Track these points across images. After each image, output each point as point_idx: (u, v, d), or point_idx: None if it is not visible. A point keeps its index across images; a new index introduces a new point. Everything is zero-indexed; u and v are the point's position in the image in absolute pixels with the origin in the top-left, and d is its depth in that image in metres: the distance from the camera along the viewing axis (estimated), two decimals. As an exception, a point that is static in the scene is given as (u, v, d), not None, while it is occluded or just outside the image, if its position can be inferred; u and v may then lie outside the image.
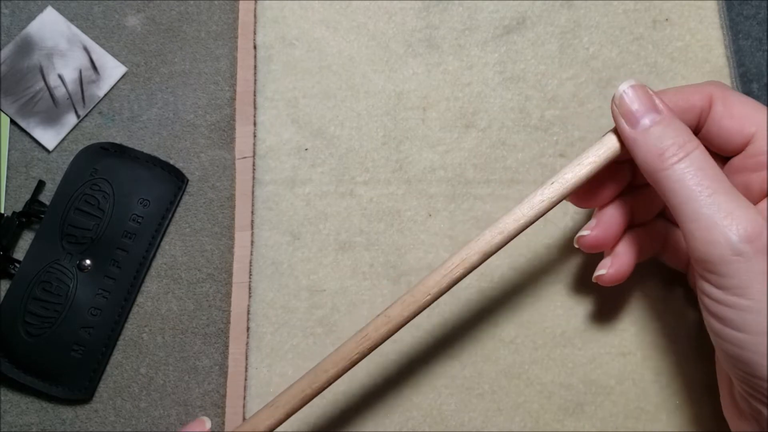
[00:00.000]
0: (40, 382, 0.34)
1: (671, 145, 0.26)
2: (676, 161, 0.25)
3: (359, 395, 0.34)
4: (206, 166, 0.37)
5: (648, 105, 0.27)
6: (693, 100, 0.28)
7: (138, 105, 0.38)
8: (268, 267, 0.36)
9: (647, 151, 0.26)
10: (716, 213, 0.24)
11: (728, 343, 0.25)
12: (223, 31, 0.39)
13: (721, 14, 0.38)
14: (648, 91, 0.27)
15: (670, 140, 0.26)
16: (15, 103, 0.38)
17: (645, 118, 0.27)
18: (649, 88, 0.27)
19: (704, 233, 0.24)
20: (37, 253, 0.36)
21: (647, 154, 0.26)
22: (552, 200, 0.28)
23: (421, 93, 0.37)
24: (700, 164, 0.25)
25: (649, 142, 0.26)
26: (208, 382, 0.35)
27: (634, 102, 0.27)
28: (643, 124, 0.27)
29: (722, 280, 0.24)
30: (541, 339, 0.34)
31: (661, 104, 0.27)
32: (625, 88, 0.27)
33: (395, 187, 0.36)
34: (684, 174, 0.25)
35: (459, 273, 0.28)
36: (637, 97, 0.27)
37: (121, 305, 0.35)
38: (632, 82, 0.27)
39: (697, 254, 0.25)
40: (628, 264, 0.31)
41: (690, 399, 0.33)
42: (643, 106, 0.27)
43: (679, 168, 0.25)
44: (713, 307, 0.25)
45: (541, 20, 0.38)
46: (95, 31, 0.39)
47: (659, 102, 0.27)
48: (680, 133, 0.26)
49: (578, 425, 0.33)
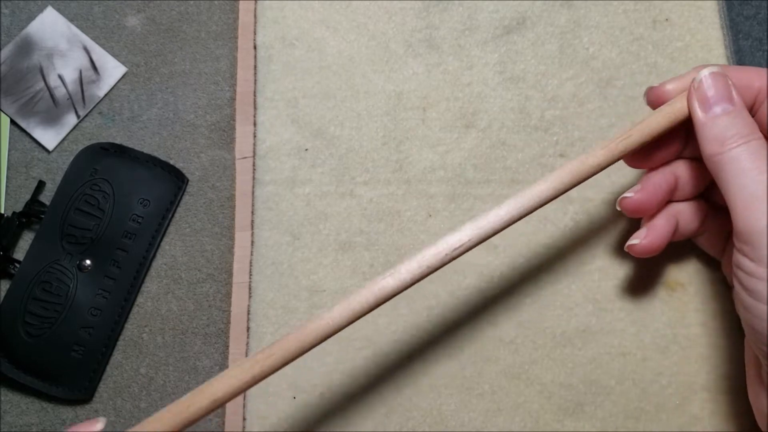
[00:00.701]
0: (40, 383, 0.34)
1: (735, 134, 0.27)
2: (734, 146, 0.27)
3: (359, 396, 0.34)
4: (206, 166, 0.37)
5: (724, 94, 0.28)
6: (753, 80, 0.29)
7: (138, 105, 0.38)
8: (268, 267, 0.36)
9: (712, 137, 0.27)
10: (761, 189, 0.26)
11: (758, 318, 0.26)
12: (223, 32, 0.39)
13: (721, 14, 0.38)
14: (728, 82, 0.28)
15: (735, 131, 0.27)
16: (15, 103, 0.38)
17: (718, 106, 0.28)
18: (729, 78, 0.28)
19: (747, 206, 0.26)
20: (37, 253, 0.36)
21: (711, 140, 0.27)
22: (630, 146, 0.29)
23: (421, 93, 0.37)
24: (756, 150, 0.27)
25: (715, 130, 0.27)
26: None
27: (711, 88, 0.28)
28: (715, 111, 0.28)
29: (758, 253, 0.25)
30: (540, 339, 0.34)
31: (737, 97, 0.28)
32: (706, 73, 0.28)
33: (395, 187, 0.36)
34: (739, 155, 0.27)
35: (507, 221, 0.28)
36: (716, 85, 0.28)
37: (121, 305, 0.35)
38: (714, 69, 0.29)
39: (738, 226, 0.26)
40: (663, 237, 0.31)
41: (690, 399, 0.33)
42: (719, 95, 0.28)
43: (736, 151, 0.27)
44: (746, 280, 0.26)
45: (541, 20, 0.38)
46: (95, 31, 0.39)
47: (735, 94, 0.28)
48: (746, 125, 0.27)
49: (578, 425, 0.33)
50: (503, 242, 0.35)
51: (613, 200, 0.35)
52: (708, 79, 0.28)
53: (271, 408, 0.34)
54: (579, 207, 0.36)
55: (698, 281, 0.35)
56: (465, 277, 0.35)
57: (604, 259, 0.35)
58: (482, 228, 0.27)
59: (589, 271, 0.35)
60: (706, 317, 0.34)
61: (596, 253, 0.35)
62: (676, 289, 0.35)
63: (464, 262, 0.35)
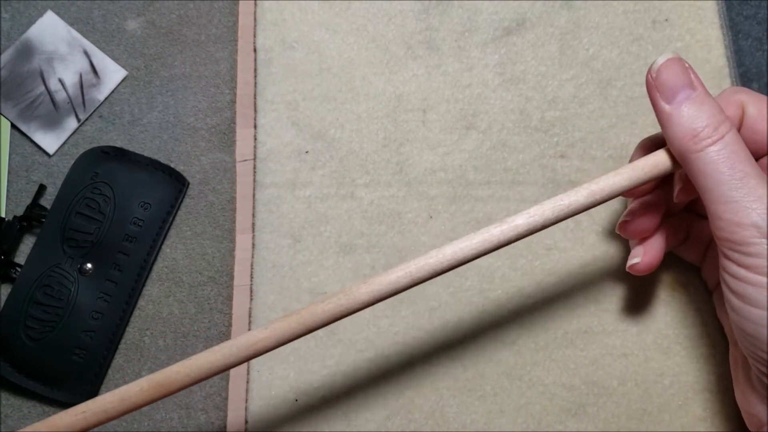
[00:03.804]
0: (41, 386, 0.34)
1: (706, 126, 0.26)
2: (710, 143, 0.26)
3: (361, 398, 0.34)
4: (207, 169, 0.37)
5: (685, 79, 0.27)
6: (729, 112, 0.28)
7: (138, 108, 0.38)
8: (269, 270, 0.36)
9: (681, 131, 0.26)
10: (746, 196, 0.25)
11: (749, 321, 0.26)
12: (223, 34, 0.39)
13: (721, 14, 0.38)
14: (685, 65, 0.27)
15: (704, 121, 0.26)
16: (15, 107, 0.38)
17: (681, 93, 0.27)
18: (686, 62, 0.27)
19: (733, 215, 0.25)
20: (38, 257, 0.36)
21: (681, 134, 0.26)
22: (606, 196, 0.28)
23: (421, 95, 0.37)
24: (733, 147, 0.26)
25: (683, 122, 0.26)
26: (210, 384, 0.35)
27: (671, 76, 0.27)
28: (678, 100, 0.27)
29: (746, 260, 0.25)
30: (542, 340, 0.34)
31: (696, 80, 0.27)
32: (662, 60, 0.27)
33: (396, 189, 0.36)
34: (717, 156, 0.26)
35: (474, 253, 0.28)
36: (674, 71, 0.27)
37: (123, 309, 0.35)
38: (670, 55, 0.27)
39: (724, 234, 0.26)
40: (660, 252, 0.31)
41: (692, 400, 0.33)
42: (679, 81, 0.27)
43: (713, 150, 0.26)
44: (735, 285, 0.26)
45: (541, 21, 0.38)
46: (95, 35, 0.39)
47: (695, 78, 0.27)
48: (714, 113, 0.26)
49: (580, 426, 0.33)
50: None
51: (614, 202, 0.35)
52: (666, 64, 0.27)
53: (273, 410, 0.34)
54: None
55: (699, 282, 0.35)
56: (466, 279, 0.35)
57: (605, 260, 0.35)
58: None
59: (590, 271, 0.35)
60: (707, 317, 0.34)
61: (597, 254, 0.35)
62: (677, 290, 0.35)
63: (466, 263, 0.35)
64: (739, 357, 0.30)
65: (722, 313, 0.32)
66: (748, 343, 0.26)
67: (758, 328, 0.25)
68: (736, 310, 0.26)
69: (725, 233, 0.26)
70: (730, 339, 0.31)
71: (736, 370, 0.30)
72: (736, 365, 0.30)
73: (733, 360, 0.31)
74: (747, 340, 0.26)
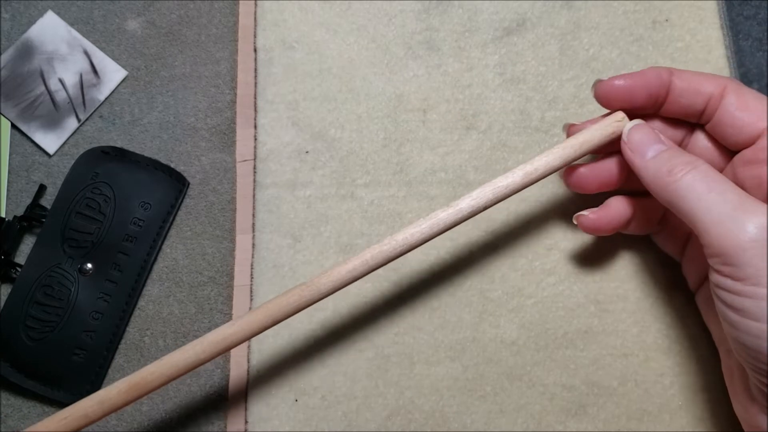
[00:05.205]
0: (41, 387, 0.34)
1: (679, 163, 0.27)
2: (685, 173, 0.27)
3: (361, 398, 0.34)
4: (207, 170, 0.37)
5: (654, 137, 0.29)
6: (705, 86, 0.30)
7: (139, 108, 0.38)
8: (269, 270, 0.36)
9: (657, 172, 0.28)
10: (728, 207, 0.25)
11: (746, 334, 0.25)
12: (224, 34, 0.39)
13: (721, 14, 0.38)
14: (652, 130, 0.30)
15: (678, 160, 0.28)
16: (16, 107, 0.38)
17: (652, 149, 0.29)
18: (651, 127, 0.30)
19: (718, 227, 0.25)
20: (39, 257, 0.36)
21: (657, 174, 0.28)
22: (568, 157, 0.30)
23: (421, 95, 0.37)
24: (707, 172, 0.27)
25: (659, 164, 0.28)
26: (210, 384, 0.35)
27: (642, 135, 0.29)
28: (652, 151, 0.29)
29: (738, 271, 0.25)
30: (543, 340, 0.34)
31: (664, 138, 0.29)
32: (629, 127, 0.30)
33: (396, 189, 0.36)
34: (693, 181, 0.27)
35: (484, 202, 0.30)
36: (644, 131, 0.30)
37: (123, 309, 0.35)
38: (637, 122, 0.30)
39: (713, 249, 0.26)
40: (613, 219, 0.32)
41: (692, 400, 0.33)
42: (650, 138, 0.29)
43: (689, 177, 0.27)
44: (730, 299, 0.26)
45: (541, 21, 0.38)
46: (95, 35, 0.39)
47: (663, 137, 0.29)
48: (685, 155, 0.28)
49: (580, 426, 0.33)
50: (505, 243, 0.35)
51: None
52: (633, 132, 0.30)
53: (272, 410, 0.34)
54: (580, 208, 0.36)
55: (700, 282, 0.35)
56: (466, 279, 0.35)
57: (605, 260, 0.35)
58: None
59: (590, 271, 0.35)
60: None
61: (598, 255, 0.35)
62: (677, 290, 0.35)
63: (466, 262, 0.35)
64: (735, 367, 0.29)
65: (709, 318, 0.32)
66: (747, 356, 0.26)
67: (758, 341, 0.25)
68: (735, 325, 0.26)
69: (714, 247, 0.25)
70: (721, 348, 0.31)
71: (731, 381, 0.30)
72: (731, 376, 0.30)
73: (727, 371, 0.30)
74: (746, 353, 0.26)
